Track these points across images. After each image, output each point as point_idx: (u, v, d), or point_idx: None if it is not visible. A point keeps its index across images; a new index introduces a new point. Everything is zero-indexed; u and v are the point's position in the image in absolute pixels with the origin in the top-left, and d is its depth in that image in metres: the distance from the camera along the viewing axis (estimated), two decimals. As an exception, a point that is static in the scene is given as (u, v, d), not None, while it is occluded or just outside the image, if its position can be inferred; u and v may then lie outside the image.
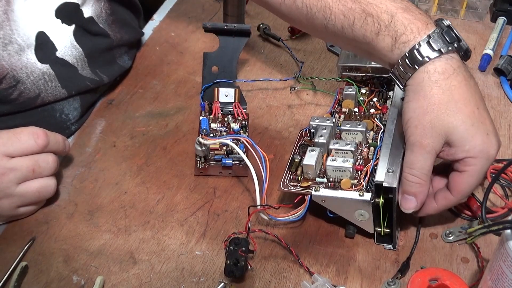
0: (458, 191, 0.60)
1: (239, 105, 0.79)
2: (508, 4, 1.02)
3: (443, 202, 0.62)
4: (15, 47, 0.73)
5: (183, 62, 0.94)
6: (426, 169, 0.60)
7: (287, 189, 0.64)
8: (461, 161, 0.60)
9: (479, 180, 0.60)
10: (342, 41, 0.68)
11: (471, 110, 0.59)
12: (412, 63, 0.60)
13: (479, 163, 0.59)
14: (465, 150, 0.59)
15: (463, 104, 0.59)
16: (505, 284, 0.52)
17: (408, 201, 0.61)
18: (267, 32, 0.98)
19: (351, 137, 0.68)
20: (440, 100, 0.59)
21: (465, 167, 0.59)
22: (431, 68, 0.59)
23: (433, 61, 0.59)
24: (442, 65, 0.59)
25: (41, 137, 0.65)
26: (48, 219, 0.68)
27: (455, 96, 0.59)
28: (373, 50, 0.64)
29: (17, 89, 0.74)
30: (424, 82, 0.59)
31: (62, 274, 0.62)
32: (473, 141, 0.58)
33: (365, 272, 0.63)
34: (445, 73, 0.59)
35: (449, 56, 0.60)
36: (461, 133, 0.58)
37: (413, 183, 0.60)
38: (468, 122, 0.58)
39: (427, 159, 0.59)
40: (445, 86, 0.59)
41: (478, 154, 0.59)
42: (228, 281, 0.61)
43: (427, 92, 0.59)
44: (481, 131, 0.59)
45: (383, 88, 0.75)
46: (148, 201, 0.71)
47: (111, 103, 0.86)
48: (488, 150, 0.59)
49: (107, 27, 0.84)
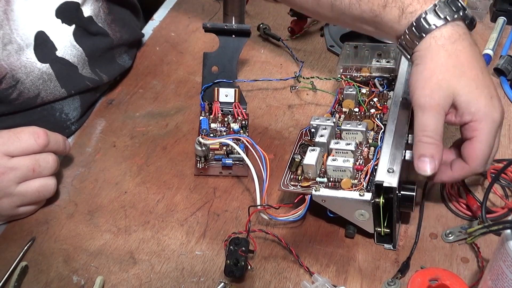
0: (472, 158, 0.61)
1: (239, 105, 0.79)
2: (508, 4, 1.02)
3: (459, 171, 0.62)
4: (14, 47, 0.73)
5: (183, 62, 0.94)
6: (439, 130, 0.60)
7: (288, 189, 0.64)
8: (467, 126, 0.61)
9: (490, 146, 0.61)
10: (348, 19, 0.69)
11: (476, 74, 0.60)
12: (419, 32, 0.61)
13: (486, 127, 0.60)
14: (471, 113, 0.60)
15: (468, 67, 0.60)
16: (505, 284, 0.51)
17: (424, 163, 0.60)
18: (267, 32, 0.98)
19: (352, 137, 0.68)
20: (446, 63, 0.60)
21: (473, 132, 0.60)
22: (438, 34, 0.61)
23: (440, 28, 0.61)
24: (448, 31, 0.61)
25: (42, 137, 0.66)
26: (48, 219, 0.68)
27: (461, 60, 0.61)
28: (380, 24, 0.65)
29: (17, 89, 0.74)
30: (431, 46, 0.61)
31: (62, 274, 0.62)
32: (477, 103, 0.60)
33: (365, 272, 0.63)
34: (451, 38, 0.61)
35: (455, 23, 0.62)
36: (466, 94, 0.60)
37: (428, 144, 0.60)
38: (473, 85, 0.60)
39: (438, 119, 0.60)
40: (451, 50, 0.61)
41: (483, 117, 0.60)
42: (228, 281, 0.61)
43: (434, 55, 0.61)
44: (485, 94, 0.60)
45: (384, 88, 0.75)
46: (148, 201, 0.71)
47: (111, 103, 0.86)
48: (492, 113, 0.60)
49: (106, 26, 0.84)
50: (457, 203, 0.69)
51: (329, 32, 0.99)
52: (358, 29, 0.71)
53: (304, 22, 1.00)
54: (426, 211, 0.69)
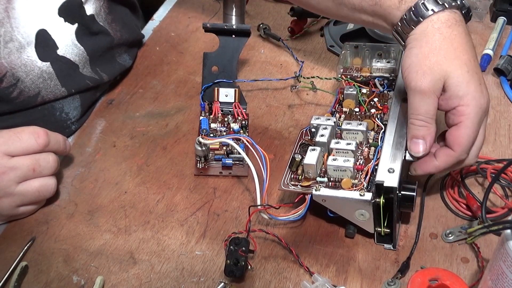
0: (458, 144, 0.61)
1: (239, 105, 0.79)
2: (508, 4, 1.02)
3: (444, 158, 0.63)
4: (15, 45, 0.73)
5: (183, 62, 0.94)
6: (431, 112, 0.62)
7: (288, 189, 0.64)
8: (454, 111, 0.61)
9: (475, 132, 0.62)
10: (347, 9, 0.70)
11: (468, 59, 0.62)
12: (416, 16, 0.63)
13: (473, 112, 0.61)
14: (459, 96, 0.61)
15: (461, 51, 0.62)
16: (505, 284, 0.51)
17: (417, 144, 0.62)
18: (267, 32, 0.98)
19: (352, 137, 0.68)
20: (440, 46, 0.61)
21: (460, 117, 0.61)
22: (435, 18, 0.62)
23: (437, 13, 0.63)
24: (445, 15, 0.63)
25: (42, 137, 0.66)
26: (48, 219, 0.68)
27: (455, 44, 0.62)
28: (378, 12, 0.67)
29: (17, 87, 0.74)
30: (428, 30, 0.62)
31: (62, 274, 0.62)
32: (467, 87, 0.60)
33: (365, 272, 0.63)
34: (448, 22, 0.62)
35: (452, 10, 0.63)
36: (457, 77, 0.61)
37: (420, 126, 0.62)
38: (464, 69, 0.61)
39: (430, 103, 0.61)
40: (446, 34, 0.62)
41: (471, 102, 0.60)
42: (228, 281, 0.61)
43: (429, 38, 0.62)
44: (475, 79, 0.61)
45: (384, 88, 0.75)
46: (148, 201, 0.71)
47: (111, 103, 0.86)
48: (480, 98, 0.61)
49: (107, 25, 0.84)
50: (457, 203, 0.69)
51: (329, 32, 0.99)
52: (356, 21, 0.72)
53: (304, 22, 1.00)
54: (426, 211, 0.69)
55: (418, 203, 0.69)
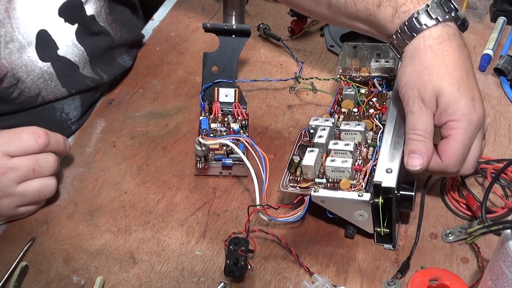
0: (445, 155, 0.62)
1: (239, 105, 0.79)
2: (508, 4, 1.02)
3: (434, 165, 0.63)
4: (16, 45, 0.73)
5: (183, 62, 0.94)
6: (429, 128, 0.62)
7: (287, 190, 0.64)
8: (445, 125, 0.62)
9: (465, 146, 0.62)
10: (344, 18, 0.71)
11: (460, 75, 0.62)
12: (410, 31, 0.63)
13: (462, 126, 0.61)
14: (448, 113, 0.61)
15: (453, 68, 0.62)
16: (505, 284, 0.51)
17: (414, 158, 0.62)
18: (267, 32, 0.98)
19: (351, 138, 0.68)
20: (432, 64, 0.62)
21: (449, 131, 0.62)
22: (427, 34, 0.63)
23: (430, 28, 0.63)
24: (438, 31, 0.63)
25: (42, 137, 0.66)
26: (48, 219, 0.68)
27: (446, 60, 0.62)
28: (373, 23, 0.67)
29: (18, 88, 0.74)
30: (420, 47, 0.63)
31: (62, 274, 0.62)
32: (456, 105, 0.61)
33: (365, 272, 0.63)
34: (439, 38, 0.63)
35: (446, 24, 0.63)
36: (447, 95, 0.61)
37: (418, 141, 0.62)
38: (455, 86, 0.61)
39: (427, 119, 0.62)
40: (438, 51, 0.62)
41: (461, 118, 0.61)
42: (228, 281, 0.61)
43: (422, 56, 0.63)
44: (465, 95, 0.61)
45: (383, 88, 0.75)
46: (148, 201, 0.71)
47: (111, 103, 0.86)
48: (471, 114, 0.61)
49: (107, 26, 0.84)
50: (457, 203, 0.69)
51: (329, 32, 0.99)
52: (354, 28, 0.73)
53: (304, 22, 1.00)
54: (426, 211, 0.69)
55: (418, 203, 0.69)
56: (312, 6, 0.74)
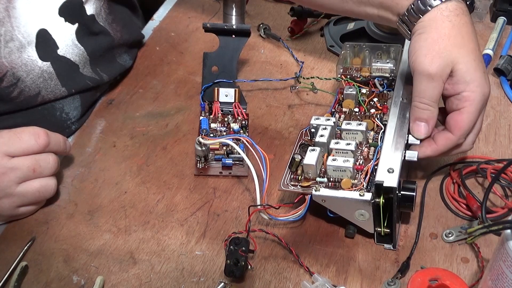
0: (459, 128, 0.63)
1: (239, 105, 0.79)
2: (508, 4, 1.02)
3: (444, 142, 0.64)
4: (16, 44, 0.73)
5: (183, 62, 0.94)
6: (435, 97, 0.63)
7: (287, 189, 0.64)
8: (460, 96, 0.63)
9: (475, 118, 0.63)
10: (352, 3, 0.72)
11: (474, 47, 0.64)
12: (424, 5, 0.65)
13: (477, 99, 0.62)
14: (466, 82, 0.62)
15: (468, 40, 0.64)
16: (505, 284, 0.52)
17: (420, 126, 0.64)
18: (267, 32, 0.98)
19: (352, 137, 0.68)
20: (450, 33, 0.63)
21: (464, 102, 0.63)
22: (443, 6, 0.64)
23: (445, 2, 0.64)
24: (453, 5, 0.65)
25: (42, 137, 0.66)
26: (48, 219, 0.68)
27: (463, 32, 0.64)
28: (386, 2, 0.68)
29: (18, 87, 0.74)
30: (437, 17, 0.64)
31: (62, 274, 0.62)
32: (474, 74, 0.62)
33: (365, 272, 0.63)
34: (456, 11, 0.64)
35: (458, 1, 0.65)
36: (465, 63, 0.62)
37: (423, 110, 0.63)
38: (471, 56, 0.63)
39: (435, 87, 0.63)
40: (455, 21, 0.64)
41: (476, 89, 0.62)
42: (228, 281, 0.61)
43: (439, 25, 0.64)
44: (480, 67, 0.63)
45: (384, 88, 0.75)
46: (148, 201, 0.71)
47: (111, 103, 0.86)
48: (484, 86, 0.63)
49: (107, 25, 0.84)
50: (457, 203, 0.69)
51: (329, 32, 0.99)
52: (359, 14, 0.73)
53: (304, 22, 1.00)
54: (426, 211, 0.69)
55: (418, 203, 0.69)
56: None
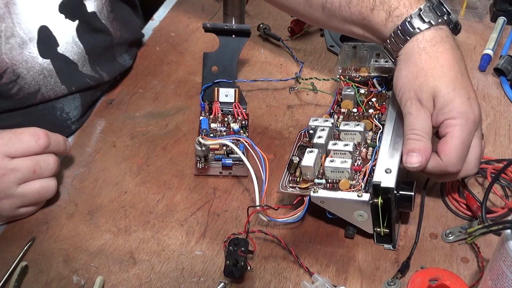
0: (445, 153, 0.62)
1: (239, 105, 0.79)
2: (508, 4, 1.02)
3: (433, 164, 0.63)
4: (17, 40, 0.73)
5: (183, 62, 0.94)
6: (427, 128, 0.63)
7: (286, 191, 0.64)
8: (442, 124, 0.63)
9: (463, 143, 0.62)
10: (338, 21, 0.71)
11: (455, 75, 0.63)
12: (403, 35, 0.64)
13: (459, 123, 0.62)
14: (445, 112, 0.62)
15: (447, 68, 0.63)
16: (505, 284, 0.52)
17: (413, 156, 0.62)
18: (267, 32, 0.98)
19: (350, 138, 0.68)
20: (427, 65, 0.63)
21: (446, 128, 0.62)
22: (420, 37, 0.64)
23: (423, 32, 0.64)
24: (431, 34, 0.64)
25: (42, 138, 0.66)
26: (48, 219, 0.68)
27: (441, 61, 0.63)
28: (367, 27, 0.68)
29: (17, 84, 0.74)
30: (414, 49, 0.64)
31: (62, 274, 0.63)
32: (452, 104, 0.62)
33: (365, 272, 0.63)
34: (433, 41, 0.64)
35: (439, 27, 0.64)
36: (443, 95, 0.62)
37: (416, 140, 0.62)
38: (450, 86, 0.62)
39: (425, 119, 0.63)
40: (432, 52, 0.63)
41: (457, 115, 0.62)
42: (228, 281, 0.61)
43: (416, 59, 0.64)
44: (461, 95, 0.62)
45: (382, 88, 0.75)
46: (148, 201, 0.71)
47: (111, 103, 0.86)
48: (467, 112, 0.62)
49: (108, 24, 0.84)
50: (457, 203, 0.69)
51: (329, 32, 0.99)
52: (348, 32, 0.73)
53: (304, 22, 1.00)
54: (426, 211, 0.69)
55: (418, 203, 0.69)
56: (306, 10, 0.74)
